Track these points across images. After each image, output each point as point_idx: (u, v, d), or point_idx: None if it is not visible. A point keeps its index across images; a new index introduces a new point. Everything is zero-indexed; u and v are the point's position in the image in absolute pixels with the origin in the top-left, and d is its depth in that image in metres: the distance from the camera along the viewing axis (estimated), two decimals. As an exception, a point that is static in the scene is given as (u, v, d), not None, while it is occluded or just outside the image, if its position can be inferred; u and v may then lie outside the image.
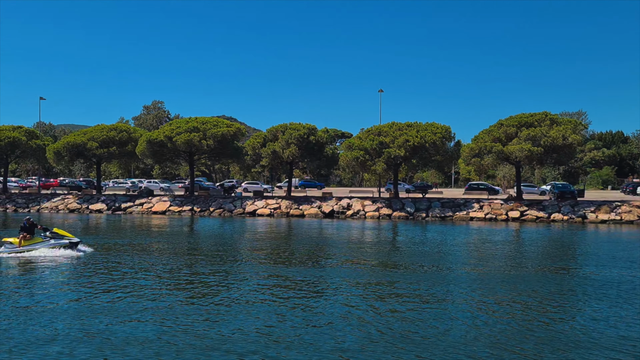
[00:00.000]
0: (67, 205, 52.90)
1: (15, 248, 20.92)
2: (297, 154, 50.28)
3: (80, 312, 12.47)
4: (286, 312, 12.49)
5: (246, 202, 50.37)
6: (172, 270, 18.31)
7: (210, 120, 53.92)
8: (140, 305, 13.04)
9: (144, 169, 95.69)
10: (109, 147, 55.25)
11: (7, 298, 13.89)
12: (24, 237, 21.11)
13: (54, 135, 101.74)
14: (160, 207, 50.86)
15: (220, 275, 17.28)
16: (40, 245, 21.13)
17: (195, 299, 13.86)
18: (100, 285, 15.63)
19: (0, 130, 57.24)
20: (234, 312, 12.44)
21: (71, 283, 16.02)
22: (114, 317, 11.97)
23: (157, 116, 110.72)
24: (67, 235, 21.81)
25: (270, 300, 13.83)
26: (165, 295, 14.34)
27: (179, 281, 16.43)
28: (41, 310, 12.59)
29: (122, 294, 14.22)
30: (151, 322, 11.60)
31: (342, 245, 26.55)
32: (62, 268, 18.58)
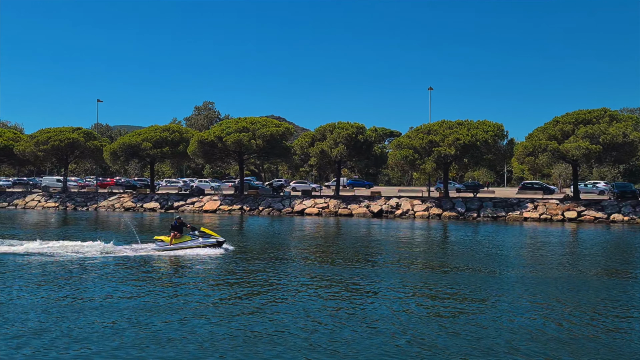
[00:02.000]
0: (123, 204, 54.62)
1: (166, 246, 21.69)
2: (345, 153, 50.13)
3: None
4: (333, 314, 12.38)
5: (294, 201, 50.61)
6: (220, 268, 18.53)
7: (260, 120, 54.49)
8: (179, 304, 13.22)
9: (195, 169, 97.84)
10: (162, 148, 56.70)
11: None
12: (175, 236, 21.79)
13: (110, 136, 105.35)
14: (211, 206, 51.78)
15: (268, 275, 17.35)
16: (189, 244, 21.79)
17: (242, 297, 13.94)
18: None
19: (61, 132, 59.69)
20: (278, 312, 12.42)
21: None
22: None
23: (207, 116, 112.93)
24: (214, 234, 22.42)
25: (315, 300, 13.75)
26: (211, 292, 14.50)
27: (227, 279, 16.58)
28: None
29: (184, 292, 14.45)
30: (192, 318, 11.73)
31: (391, 245, 26.23)
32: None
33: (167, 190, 63.95)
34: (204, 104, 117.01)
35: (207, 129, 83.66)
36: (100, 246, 21.71)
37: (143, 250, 21.82)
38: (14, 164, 73.17)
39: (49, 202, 56.81)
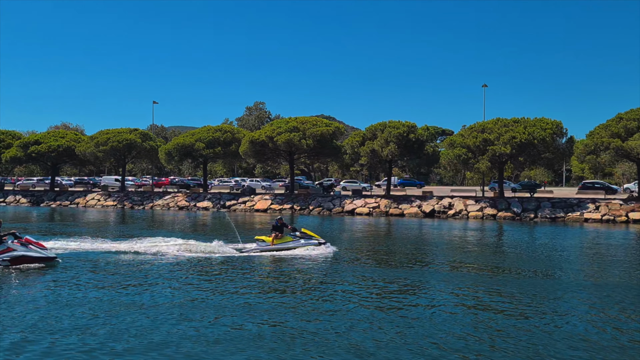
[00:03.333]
0: (177, 203, 55.91)
1: (267, 246, 21.59)
2: (397, 152, 49.48)
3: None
4: (384, 316, 12.07)
5: (345, 201, 50.39)
6: (273, 268, 18.52)
7: (310, 120, 54.59)
8: (237, 302, 13.20)
9: (246, 168, 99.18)
10: (214, 148, 57.70)
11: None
12: (276, 236, 21.74)
13: (165, 136, 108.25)
14: (262, 205, 52.25)
15: (316, 275, 17.19)
16: (291, 244, 21.75)
17: (290, 298, 13.82)
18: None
19: (119, 133, 61.73)
20: (327, 314, 12.21)
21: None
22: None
23: (258, 117, 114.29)
24: (315, 236, 22.36)
25: (366, 301, 13.47)
26: (255, 291, 14.46)
27: (279, 279, 16.53)
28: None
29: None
30: (232, 317, 11.67)
31: (444, 246, 25.59)
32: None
33: (219, 189, 65.10)
34: (254, 104, 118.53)
35: (258, 129, 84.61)
36: (212, 246, 21.80)
37: (246, 250, 21.72)
38: (75, 164, 76.43)
39: (107, 201, 58.83)
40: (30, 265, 17.17)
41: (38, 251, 17.52)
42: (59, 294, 13.91)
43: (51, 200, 61.18)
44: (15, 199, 62.76)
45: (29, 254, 17.28)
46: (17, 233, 17.82)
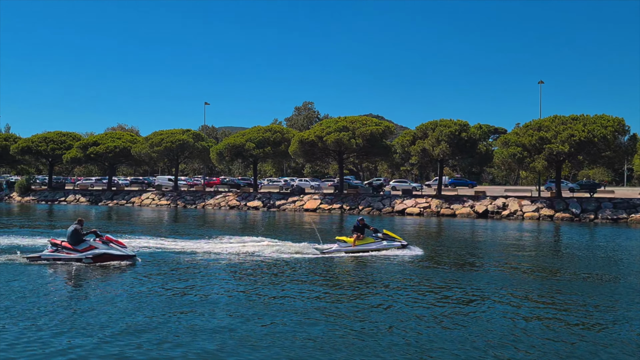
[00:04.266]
0: (228, 202, 56.74)
1: (349, 247, 21.14)
2: (448, 151, 48.52)
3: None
4: (438, 319, 11.69)
5: (395, 201, 49.82)
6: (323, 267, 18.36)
7: (359, 119, 54.30)
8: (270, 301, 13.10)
9: (295, 168, 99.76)
10: (264, 148, 58.24)
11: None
12: (358, 237, 21.31)
13: (216, 137, 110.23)
14: (311, 205, 52.32)
15: (364, 276, 16.92)
16: (373, 246, 21.25)
17: (340, 300, 13.61)
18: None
19: (172, 134, 63.23)
20: (378, 315, 11.93)
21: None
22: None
23: (307, 116, 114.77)
24: (397, 237, 21.96)
25: (418, 303, 13.12)
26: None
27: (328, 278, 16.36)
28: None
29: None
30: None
31: (499, 247, 24.79)
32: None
33: (269, 189, 65.71)
34: (303, 104, 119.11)
35: (307, 128, 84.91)
36: (301, 246, 21.78)
37: (328, 250, 21.23)
38: (131, 164, 78.90)
39: (161, 200, 60.35)
40: (111, 262, 17.50)
41: (118, 249, 17.87)
42: (138, 290, 14.07)
43: (109, 199, 63.29)
44: (75, 198, 65.27)
45: (110, 252, 17.64)
46: (98, 232, 18.22)
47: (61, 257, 17.67)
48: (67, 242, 17.82)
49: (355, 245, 21.13)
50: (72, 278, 15.89)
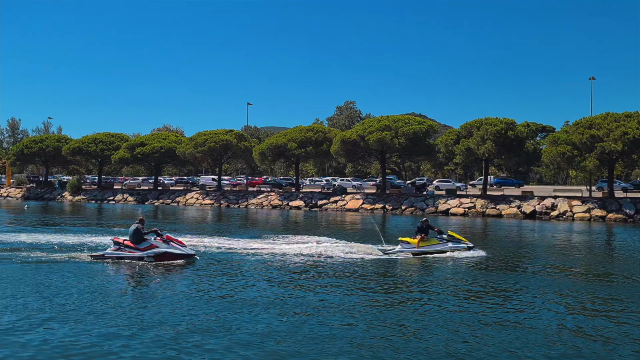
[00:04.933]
0: (270, 202, 57.10)
1: (412, 248, 20.66)
2: (494, 150, 47.38)
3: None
4: (485, 322, 11.30)
5: (439, 201, 49.03)
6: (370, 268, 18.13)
7: (402, 119, 53.75)
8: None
9: (337, 168, 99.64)
10: (306, 147, 58.36)
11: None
12: (422, 239, 20.80)
13: (258, 137, 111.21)
14: (353, 205, 52.08)
15: (427, 278, 16.59)
16: (438, 247, 20.70)
17: (402, 303, 13.35)
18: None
19: (216, 134, 64.15)
20: (420, 319, 11.62)
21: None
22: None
23: (349, 116, 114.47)
24: (463, 239, 21.31)
25: (460, 306, 12.73)
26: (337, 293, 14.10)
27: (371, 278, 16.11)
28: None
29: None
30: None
31: (548, 249, 23.96)
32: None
33: (310, 189, 65.81)
34: (345, 104, 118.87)
35: (349, 128, 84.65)
36: (368, 247, 21.56)
37: (391, 251, 20.85)
38: (176, 164, 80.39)
39: (205, 200, 61.28)
40: (171, 261, 17.76)
41: (179, 248, 18.13)
42: (198, 289, 14.13)
43: (155, 198, 64.74)
44: (123, 197, 67.04)
45: (170, 251, 17.90)
46: (159, 231, 18.50)
47: (124, 256, 18.05)
48: (129, 241, 18.16)
49: (420, 246, 20.61)
50: (134, 276, 16.16)
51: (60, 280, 14.94)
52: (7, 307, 11.95)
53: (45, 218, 39.23)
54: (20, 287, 13.88)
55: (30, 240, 23.30)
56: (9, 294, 13.04)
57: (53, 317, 11.10)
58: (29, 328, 10.39)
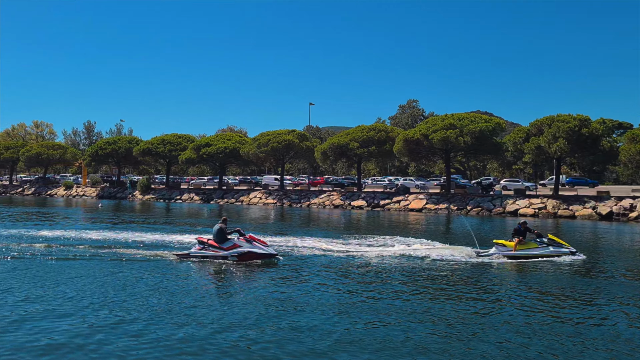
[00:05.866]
0: (332, 202, 56.98)
1: (508, 251, 19.66)
2: (566, 148, 45.09)
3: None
4: (564, 327, 10.52)
5: (507, 201, 47.26)
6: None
7: (467, 116, 52.25)
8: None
9: (399, 167, 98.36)
10: (368, 147, 57.85)
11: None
12: (519, 242, 19.75)
13: (320, 136, 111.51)
14: (417, 205, 51.10)
15: (519, 283, 15.83)
16: (537, 251, 19.53)
17: (475, 311, 12.73)
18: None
19: (278, 134, 64.76)
20: (498, 325, 10.96)
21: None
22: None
23: (411, 115, 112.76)
24: (564, 243, 20.13)
25: (534, 310, 11.94)
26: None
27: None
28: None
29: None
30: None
31: (628, 252, 22.40)
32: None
33: (372, 188, 65.22)
34: (408, 102, 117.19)
35: (412, 127, 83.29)
36: (453, 249, 21.21)
37: (485, 254, 19.88)
38: (239, 164, 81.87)
39: (268, 199, 61.99)
40: (254, 261, 17.81)
41: (261, 248, 18.14)
42: (279, 290, 14.03)
43: (219, 197, 66.16)
44: (190, 196, 68.93)
45: (253, 250, 17.91)
46: (242, 230, 18.58)
47: (208, 255, 18.24)
48: (213, 241, 18.36)
49: (517, 250, 19.56)
50: (219, 275, 16.20)
51: (151, 279, 15.13)
52: (104, 305, 12.11)
53: (121, 216, 40.68)
54: (116, 286, 14.05)
55: (118, 238, 24.12)
56: (111, 296, 13.06)
57: (150, 318, 11.04)
58: (135, 329, 10.40)
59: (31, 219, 36.15)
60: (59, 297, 12.72)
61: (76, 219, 38.01)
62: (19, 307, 11.75)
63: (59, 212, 44.62)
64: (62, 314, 11.27)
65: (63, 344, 9.40)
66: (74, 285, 14.09)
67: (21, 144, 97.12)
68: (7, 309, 11.55)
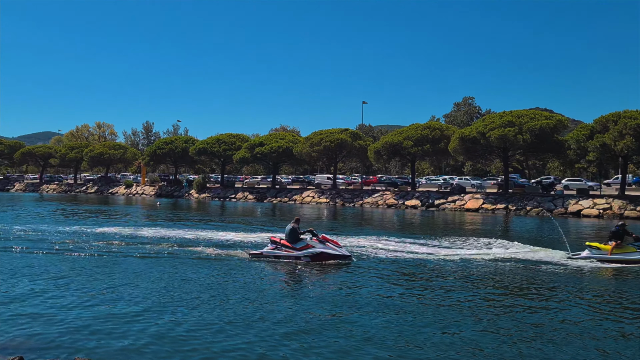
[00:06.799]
0: (386, 201, 56.34)
1: (603, 255, 18.32)
2: (634, 146, 42.70)
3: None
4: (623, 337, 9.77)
5: (568, 201, 45.32)
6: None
7: (527, 113, 50.42)
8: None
9: (454, 166, 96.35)
10: (422, 145, 56.83)
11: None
12: (616, 245, 18.28)
13: (373, 135, 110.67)
14: (473, 205, 49.79)
15: (539, 282, 15.05)
16: (637, 256, 17.94)
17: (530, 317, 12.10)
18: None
19: (331, 133, 64.63)
20: (553, 333, 10.31)
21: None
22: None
23: (467, 112, 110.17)
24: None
25: (600, 318, 11.19)
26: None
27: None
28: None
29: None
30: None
31: None
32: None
33: (427, 188, 64.12)
34: (463, 100, 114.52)
35: (467, 125, 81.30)
36: (544, 252, 20.41)
37: (577, 257, 18.81)
38: (292, 163, 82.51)
39: (321, 198, 61.97)
40: (328, 262, 17.49)
41: (335, 249, 17.82)
42: (353, 292, 13.63)
43: (273, 196, 66.71)
44: (244, 195, 69.85)
45: (327, 251, 17.62)
46: (314, 231, 18.35)
47: (281, 255, 18.07)
48: (285, 240, 18.22)
49: (612, 253, 18.16)
50: (291, 276, 16.05)
51: (229, 278, 15.16)
52: (192, 303, 12.21)
53: (182, 215, 41.52)
54: (200, 285, 14.14)
55: (190, 236, 24.66)
56: (194, 294, 13.13)
57: (233, 321, 10.87)
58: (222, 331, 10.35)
59: (103, 217, 37.50)
60: (148, 293, 13.06)
61: (142, 216, 39.26)
62: (128, 305, 11.91)
63: (128, 211, 46.11)
64: (156, 310, 11.50)
65: (155, 340, 9.57)
66: (162, 282, 14.38)
67: (85, 144, 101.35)
68: (119, 308, 11.68)
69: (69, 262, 17.41)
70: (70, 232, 25.72)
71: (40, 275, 15.03)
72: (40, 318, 10.70)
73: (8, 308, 11.39)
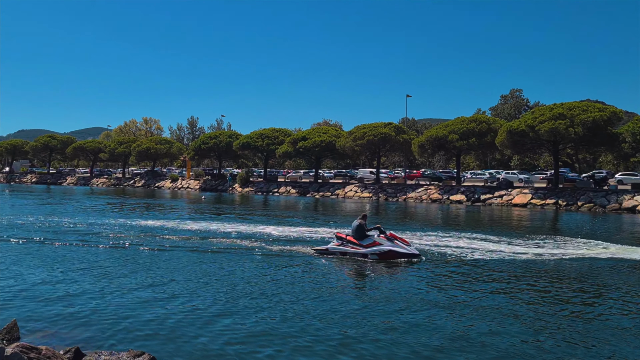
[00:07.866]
0: (430, 196, 55.45)
1: None
2: (695, 138, 40.58)
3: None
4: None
5: (623, 196, 43.45)
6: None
7: (579, 106, 48.54)
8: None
9: (500, 160, 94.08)
10: (468, 139, 55.62)
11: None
12: None
13: (416, 129, 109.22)
14: (521, 200, 48.41)
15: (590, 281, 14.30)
16: None
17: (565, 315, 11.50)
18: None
19: (374, 127, 64.05)
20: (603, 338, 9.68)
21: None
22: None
23: (515, 105, 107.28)
24: None
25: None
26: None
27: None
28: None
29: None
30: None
31: None
32: None
33: (472, 182, 62.76)
34: (510, 92, 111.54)
35: (514, 118, 79.13)
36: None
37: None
38: (335, 158, 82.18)
39: (364, 193, 61.55)
40: (396, 260, 16.79)
41: (403, 247, 17.12)
42: (427, 292, 12.94)
43: (315, 191, 66.69)
44: (286, 189, 70.11)
45: (395, 249, 16.97)
46: (382, 227, 17.82)
47: (347, 252, 17.54)
48: (351, 237, 17.74)
49: None
50: (358, 273, 15.59)
51: (297, 275, 14.86)
52: (255, 301, 11.91)
53: (229, 208, 41.64)
54: (266, 281, 13.95)
55: (250, 230, 24.37)
56: (261, 290, 12.90)
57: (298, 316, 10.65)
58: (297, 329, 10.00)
59: (156, 210, 37.85)
60: (211, 290, 12.86)
61: (199, 210, 38.93)
62: (189, 300, 11.76)
63: (177, 205, 46.63)
64: (219, 307, 11.29)
65: (215, 337, 9.43)
66: (229, 279, 14.15)
67: (132, 139, 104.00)
68: (179, 304, 11.48)
69: (131, 257, 17.14)
70: (144, 227, 25.57)
71: (105, 269, 15.00)
72: (97, 312, 10.71)
73: (69, 303, 11.38)
